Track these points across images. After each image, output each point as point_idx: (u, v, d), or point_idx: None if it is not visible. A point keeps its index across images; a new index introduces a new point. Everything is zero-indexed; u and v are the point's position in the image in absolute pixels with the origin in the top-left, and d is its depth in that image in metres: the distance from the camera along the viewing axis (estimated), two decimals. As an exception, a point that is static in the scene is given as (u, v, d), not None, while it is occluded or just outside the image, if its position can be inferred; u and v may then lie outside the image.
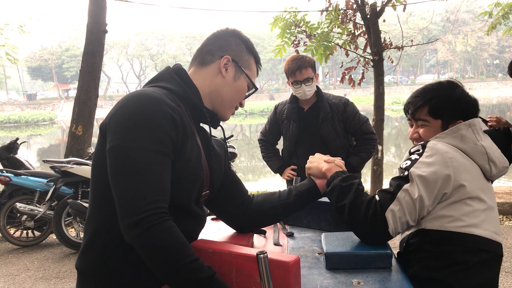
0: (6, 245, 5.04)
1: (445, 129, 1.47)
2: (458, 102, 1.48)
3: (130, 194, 1.02)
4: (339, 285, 1.19)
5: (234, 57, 1.29)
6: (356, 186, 1.38)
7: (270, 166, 3.20)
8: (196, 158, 1.20)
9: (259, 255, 0.94)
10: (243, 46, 1.32)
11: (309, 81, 2.78)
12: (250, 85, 1.34)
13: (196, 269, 1.03)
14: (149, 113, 1.06)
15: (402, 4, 5.89)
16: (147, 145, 1.04)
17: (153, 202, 1.02)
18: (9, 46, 10.21)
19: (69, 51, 51.49)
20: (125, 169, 1.03)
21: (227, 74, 1.27)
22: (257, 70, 1.39)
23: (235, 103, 1.34)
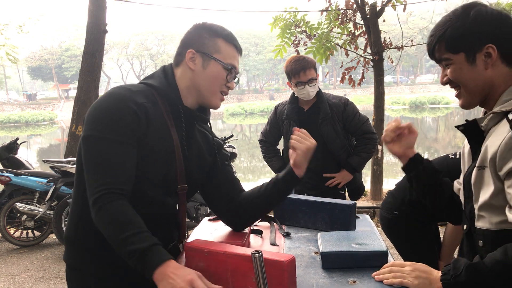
0: (6, 245, 5.05)
1: (473, 61, 1.17)
2: (475, 24, 1.16)
3: (91, 177, 1.20)
4: (334, 284, 1.20)
5: (197, 48, 1.35)
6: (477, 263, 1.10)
7: (271, 167, 3.20)
8: (166, 150, 1.31)
9: (254, 255, 0.95)
10: (205, 34, 1.37)
11: (312, 81, 2.79)
12: (224, 66, 1.35)
13: (135, 241, 1.12)
14: (114, 109, 1.23)
15: (402, 4, 5.89)
16: (109, 135, 1.21)
17: (106, 183, 1.17)
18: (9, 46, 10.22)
19: (69, 51, 51.48)
20: (90, 155, 1.22)
21: (195, 65, 1.35)
22: (235, 47, 1.40)
23: (216, 88, 1.38)
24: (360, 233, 1.43)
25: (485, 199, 1.14)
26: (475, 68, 1.17)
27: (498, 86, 1.17)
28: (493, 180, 1.10)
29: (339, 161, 2.96)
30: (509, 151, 1.04)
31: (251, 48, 58.20)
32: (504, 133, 1.07)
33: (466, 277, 1.07)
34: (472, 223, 1.23)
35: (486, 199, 1.13)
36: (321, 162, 2.94)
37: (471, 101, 1.23)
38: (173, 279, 1.08)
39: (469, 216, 1.24)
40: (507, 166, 1.04)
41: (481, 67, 1.16)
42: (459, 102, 1.25)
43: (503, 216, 1.10)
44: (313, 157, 3.06)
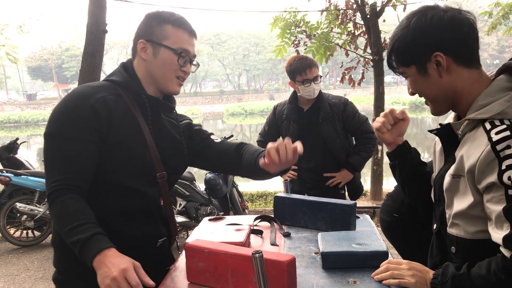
0: (6, 245, 5.04)
1: (425, 72, 1.13)
2: (416, 35, 1.11)
3: (47, 173, 1.26)
4: (335, 284, 1.20)
5: (146, 37, 1.38)
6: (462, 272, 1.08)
7: (270, 167, 3.20)
8: (136, 140, 1.35)
9: (254, 255, 0.94)
10: (153, 22, 1.38)
11: (317, 79, 2.79)
12: (176, 53, 1.36)
13: (78, 232, 1.17)
14: (73, 107, 1.28)
15: (402, 4, 5.90)
16: (65, 132, 1.25)
17: (57, 180, 1.22)
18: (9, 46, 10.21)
19: (69, 51, 51.46)
20: (46, 152, 1.27)
21: (147, 55, 1.38)
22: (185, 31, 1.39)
23: (170, 74, 1.39)
24: (361, 233, 1.43)
25: (461, 209, 1.12)
26: (430, 79, 1.14)
27: (463, 90, 1.13)
28: (471, 191, 1.08)
29: (339, 161, 2.96)
30: (488, 165, 1.01)
31: (251, 48, 58.19)
32: (482, 145, 1.04)
33: (451, 287, 1.07)
34: (443, 226, 1.23)
35: (462, 208, 1.11)
36: (321, 162, 2.94)
37: (438, 109, 1.20)
38: (108, 267, 1.11)
39: (440, 218, 1.24)
40: (486, 180, 1.02)
41: (435, 76, 1.13)
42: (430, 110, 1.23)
43: (479, 226, 1.09)
44: (313, 157, 3.08)
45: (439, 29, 1.09)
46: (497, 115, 1.05)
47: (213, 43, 58.75)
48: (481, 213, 1.08)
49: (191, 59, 1.42)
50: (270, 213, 5.45)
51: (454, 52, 1.10)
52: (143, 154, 1.36)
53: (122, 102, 1.36)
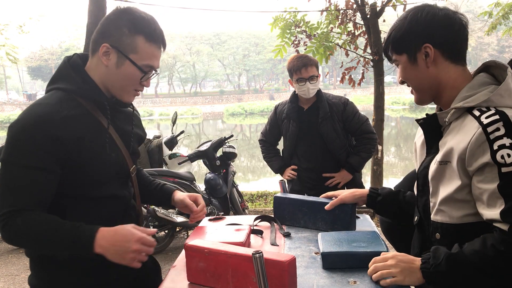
0: (6, 245, 5.04)
1: (414, 61, 1.22)
2: (411, 26, 1.21)
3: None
4: (335, 284, 1.20)
5: (113, 43, 1.25)
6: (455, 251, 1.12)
7: (271, 167, 3.20)
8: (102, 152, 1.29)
9: (254, 255, 0.94)
10: (125, 29, 1.25)
11: (313, 79, 2.79)
12: (137, 68, 1.27)
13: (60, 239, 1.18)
14: (30, 134, 1.18)
15: (402, 4, 5.89)
16: (20, 161, 1.18)
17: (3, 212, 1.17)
18: (9, 46, 10.21)
19: (69, 51, 51.43)
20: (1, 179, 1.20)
21: (109, 61, 1.27)
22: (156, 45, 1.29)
23: (129, 88, 1.31)
24: (361, 233, 1.43)
25: (447, 193, 1.16)
26: (418, 68, 1.23)
27: (447, 83, 1.22)
28: (459, 175, 1.13)
29: (339, 161, 2.96)
30: (479, 147, 1.07)
31: (251, 48, 58.19)
32: (473, 129, 1.09)
33: (446, 267, 1.10)
34: (426, 216, 1.27)
35: (449, 193, 1.16)
36: (321, 162, 2.94)
37: (421, 98, 1.29)
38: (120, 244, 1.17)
39: (423, 208, 1.29)
40: (478, 162, 1.07)
41: (423, 66, 1.22)
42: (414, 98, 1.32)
43: (464, 211, 1.15)
44: (313, 156, 3.08)
45: (431, 23, 1.20)
46: (483, 103, 1.13)
47: (213, 43, 58.74)
48: (466, 196, 1.13)
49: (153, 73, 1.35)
50: (270, 213, 5.45)
51: (443, 47, 1.20)
52: (116, 158, 1.34)
53: (84, 112, 1.28)
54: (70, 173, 1.24)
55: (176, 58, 55.91)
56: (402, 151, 15.83)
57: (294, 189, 3.02)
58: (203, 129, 29.45)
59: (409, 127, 24.23)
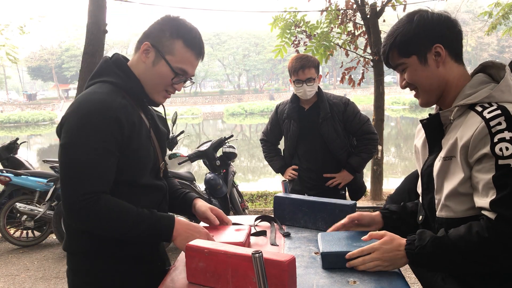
0: (6, 245, 5.04)
1: (425, 62, 1.24)
2: (420, 27, 1.23)
3: (70, 183, 1.21)
4: (335, 284, 1.20)
5: (154, 42, 1.35)
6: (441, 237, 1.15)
7: (272, 166, 3.20)
8: (146, 143, 1.37)
9: (254, 255, 0.94)
10: (167, 32, 1.34)
11: (310, 81, 2.78)
12: (171, 69, 1.35)
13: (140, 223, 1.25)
14: (95, 117, 1.23)
15: (402, 4, 5.90)
16: (89, 144, 1.21)
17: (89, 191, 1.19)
18: (9, 46, 10.22)
19: (69, 51, 51.48)
20: (66, 163, 1.23)
21: (147, 59, 1.36)
22: (193, 52, 1.37)
23: (159, 87, 1.39)
24: (360, 233, 1.43)
25: (452, 188, 1.19)
26: (428, 68, 1.25)
27: (452, 83, 1.26)
28: (462, 168, 1.16)
29: (340, 161, 2.95)
30: (481, 140, 1.11)
31: (251, 48, 58.19)
32: (476, 124, 1.13)
33: (431, 249, 1.14)
34: (431, 213, 1.30)
35: (453, 187, 1.19)
36: (321, 162, 2.94)
37: (428, 99, 1.31)
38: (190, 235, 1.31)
39: (428, 206, 1.31)
40: (479, 153, 1.11)
41: (433, 66, 1.25)
42: (419, 101, 1.34)
43: (468, 204, 1.17)
44: (314, 157, 3.08)
45: (439, 24, 1.24)
46: (485, 99, 1.17)
47: (213, 43, 58.75)
48: (469, 189, 1.17)
49: (187, 79, 1.41)
50: (270, 213, 5.45)
51: (450, 47, 1.25)
52: (153, 153, 1.42)
53: (131, 105, 1.35)
54: (122, 158, 1.29)
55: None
56: (402, 151, 15.84)
57: (294, 189, 3.02)
58: (203, 129, 29.45)
59: (409, 127, 24.23)
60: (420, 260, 1.17)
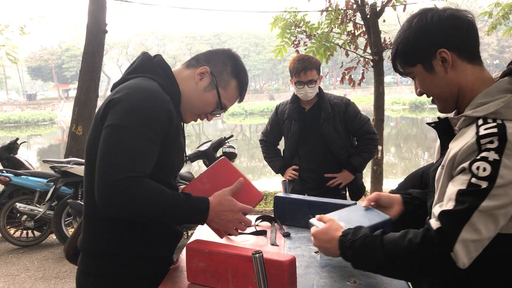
0: (6, 245, 5.04)
1: (431, 70, 1.16)
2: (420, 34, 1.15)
3: (109, 168, 1.16)
4: (335, 284, 1.20)
5: (214, 71, 1.40)
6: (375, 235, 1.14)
7: (272, 167, 3.20)
8: (181, 145, 1.40)
9: (254, 255, 0.94)
10: (229, 68, 1.42)
11: (312, 83, 2.78)
12: (218, 102, 1.41)
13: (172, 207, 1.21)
14: (149, 105, 1.23)
15: (402, 4, 5.89)
16: (139, 128, 1.20)
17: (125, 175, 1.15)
18: (9, 46, 10.22)
19: (69, 51, 51.48)
20: (112, 143, 1.19)
21: (200, 82, 1.40)
22: (239, 96, 1.46)
23: (198, 111, 1.43)
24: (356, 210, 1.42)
25: (436, 198, 1.15)
26: (436, 76, 1.16)
27: (466, 87, 1.15)
28: (447, 180, 1.11)
29: (340, 161, 2.95)
30: (468, 155, 1.04)
31: (251, 48, 58.20)
32: (468, 138, 1.06)
33: (359, 246, 1.11)
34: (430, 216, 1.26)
35: (437, 197, 1.15)
36: (322, 162, 2.94)
37: (445, 106, 1.22)
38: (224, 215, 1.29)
39: (429, 209, 1.27)
40: (460, 166, 1.05)
41: (442, 73, 1.15)
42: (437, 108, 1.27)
43: None
44: (315, 157, 3.08)
45: (441, 26, 1.13)
46: (490, 114, 1.06)
47: (213, 43, 58.75)
48: None
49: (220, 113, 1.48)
50: (270, 213, 5.45)
51: (457, 48, 1.13)
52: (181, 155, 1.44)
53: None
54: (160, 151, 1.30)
55: (176, 58, 55.91)
56: (402, 151, 15.84)
57: (295, 189, 3.02)
58: (203, 129, 29.44)
59: (409, 127, 24.24)
60: (348, 253, 1.14)
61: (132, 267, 1.33)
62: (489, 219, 0.97)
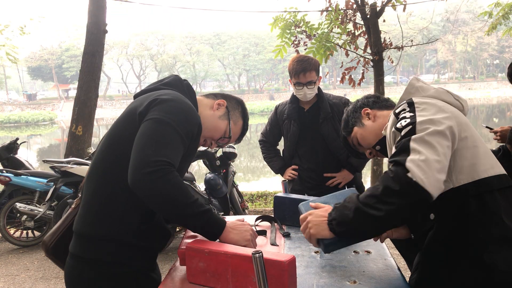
0: (6, 245, 5.05)
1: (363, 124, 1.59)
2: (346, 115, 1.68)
3: (150, 150, 1.25)
4: (335, 284, 1.20)
5: (229, 107, 1.64)
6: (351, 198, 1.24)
7: (271, 167, 3.20)
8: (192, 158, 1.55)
9: (254, 255, 0.94)
10: (240, 109, 1.69)
11: (311, 84, 2.78)
12: (228, 131, 1.61)
13: (199, 205, 1.29)
14: (188, 112, 1.39)
15: (402, 4, 5.89)
16: (178, 128, 1.33)
17: (164, 159, 1.25)
18: (9, 46, 10.22)
19: (69, 51, 51.45)
20: (152, 133, 1.29)
21: (217, 111, 1.61)
22: (240, 134, 1.70)
23: (209, 135, 1.59)
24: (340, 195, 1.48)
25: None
26: (368, 127, 1.57)
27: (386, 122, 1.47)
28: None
29: (340, 161, 2.95)
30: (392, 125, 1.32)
31: (251, 48, 58.19)
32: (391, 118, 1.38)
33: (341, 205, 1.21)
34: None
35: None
36: (321, 162, 2.94)
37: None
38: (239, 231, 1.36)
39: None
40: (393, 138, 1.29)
41: (370, 123, 1.58)
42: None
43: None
44: (314, 156, 3.08)
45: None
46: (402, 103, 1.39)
47: (213, 43, 58.75)
48: None
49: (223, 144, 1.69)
50: (270, 213, 5.45)
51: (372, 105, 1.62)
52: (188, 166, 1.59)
53: None
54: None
55: (176, 58, 55.94)
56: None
57: (295, 189, 3.02)
58: (203, 129, 29.35)
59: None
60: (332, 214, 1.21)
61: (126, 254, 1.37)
62: (424, 144, 1.13)
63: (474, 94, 49.19)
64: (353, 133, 1.61)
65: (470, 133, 1.24)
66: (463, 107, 1.38)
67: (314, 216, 1.26)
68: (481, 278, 1.14)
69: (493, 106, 38.22)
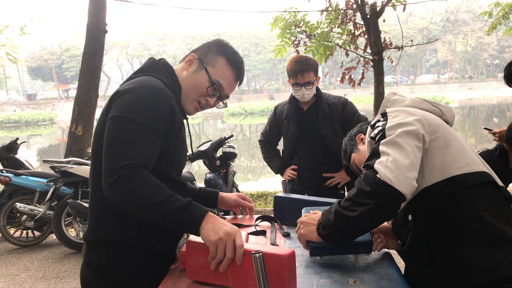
0: (6, 245, 5.05)
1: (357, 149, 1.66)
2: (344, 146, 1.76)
3: (113, 153, 1.20)
4: (335, 284, 1.20)
5: (199, 55, 1.47)
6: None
7: (271, 167, 3.20)
8: (183, 141, 1.44)
9: (254, 255, 0.94)
10: (213, 48, 1.48)
11: (309, 84, 2.78)
12: (208, 79, 1.44)
13: (172, 202, 1.18)
14: (152, 99, 1.28)
15: (402, 4, 5.89)
16: (142, 120, 1.24)
17: (129, 163, 1.18)
18: (9, 46, 10.22)
19: (69, 51, 51.47)
20: (114, 134, 1.23)
21: (189, 68, 1.47)
22: (234, 72, 1.48)
23: (193, 95, 1.46)
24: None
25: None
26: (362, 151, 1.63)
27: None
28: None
29: (339, 161, 2.95)
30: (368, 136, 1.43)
31: (251, 48, 58.19)
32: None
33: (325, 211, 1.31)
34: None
35: None
36: (320, 162, 2.94)
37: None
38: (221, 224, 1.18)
39: None
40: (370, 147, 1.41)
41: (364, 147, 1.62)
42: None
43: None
44: (313, 156, 3.08)
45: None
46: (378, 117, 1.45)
47: (213, 43, 58.69)
48: None
49: (221, 95, 1.48)
50: (270, 213, 5.45)
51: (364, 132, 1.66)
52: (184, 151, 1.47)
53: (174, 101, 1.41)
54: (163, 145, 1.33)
55: (176, 58, 55.87)
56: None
57: (294, 189, 3.02)
58: (203, 129, 29.44)
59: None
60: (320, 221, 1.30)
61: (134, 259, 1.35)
62: (392, 145, 1.19)
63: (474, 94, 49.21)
64: (351, 160, 1.68)
65: (443, 133, 1.27)
66: (443, 112, 1.42)
67: (307, 219, 1.35)
68: (457, 276, 1.15)
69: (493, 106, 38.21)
